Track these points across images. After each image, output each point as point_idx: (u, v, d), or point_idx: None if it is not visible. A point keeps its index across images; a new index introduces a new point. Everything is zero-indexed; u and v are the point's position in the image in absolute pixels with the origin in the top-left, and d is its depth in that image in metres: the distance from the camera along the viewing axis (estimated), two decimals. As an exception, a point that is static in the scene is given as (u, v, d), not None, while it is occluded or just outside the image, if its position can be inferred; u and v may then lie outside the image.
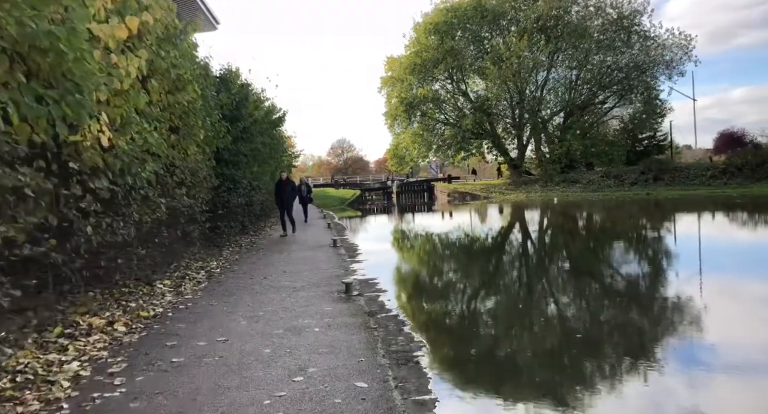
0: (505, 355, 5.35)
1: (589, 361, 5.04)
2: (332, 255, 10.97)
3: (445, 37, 42.20)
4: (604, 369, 4.84)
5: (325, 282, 7.81)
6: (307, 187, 19.96)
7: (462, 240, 16.33)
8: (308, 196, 19.83)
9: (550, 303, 7.52)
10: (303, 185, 19.60)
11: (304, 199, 19.41)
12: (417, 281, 9.75)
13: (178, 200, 7.60)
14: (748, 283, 8.20)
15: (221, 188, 12.11)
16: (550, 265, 11.00)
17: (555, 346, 5.57)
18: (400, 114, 44.08)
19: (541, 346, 5.57)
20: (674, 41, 38.68)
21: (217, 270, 9.11)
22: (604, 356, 5.16)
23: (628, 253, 12.14)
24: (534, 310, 7.04)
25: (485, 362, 5.09)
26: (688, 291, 7.69)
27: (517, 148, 44.36)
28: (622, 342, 5.57)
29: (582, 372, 4.76)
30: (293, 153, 33.27)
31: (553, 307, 7.24)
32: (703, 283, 8.26)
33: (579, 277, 9.39)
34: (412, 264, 11.85)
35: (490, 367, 4.94)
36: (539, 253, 12.91)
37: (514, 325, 6.39)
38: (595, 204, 27.39)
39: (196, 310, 6.22)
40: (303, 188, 19.21)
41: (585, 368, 4.86)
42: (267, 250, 12.03)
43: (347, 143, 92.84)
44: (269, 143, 14.61)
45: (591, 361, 5.02)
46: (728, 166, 30.59)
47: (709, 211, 21.36)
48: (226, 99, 11.51)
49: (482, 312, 7.21)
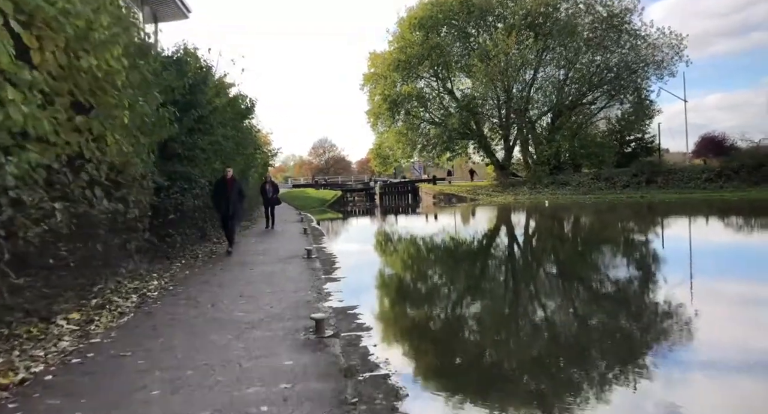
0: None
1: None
2: (305, 270, 9.09)
3: (430, 33, 40.59)
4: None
5: (290, 313, 5.94)
6: (273, 186, 16.98)
7: (457, 251, 14.56)
8: (275, 197, 16.92)
9: (602, 354, 5.78)
10: (268, 184, 16.85)
11: (270, 201, 16.76)
12: (412, 312, 7.40)
13: (93, 205, 5.65)
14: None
15: (173, 189, 10.14)
16: (571, 288, 9.28)
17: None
18: (384, 112, 42.27)
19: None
20: (665, 41, 37.60)
21: (155, 293, 7.14)
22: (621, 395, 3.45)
23: (637, 266, 10.50)
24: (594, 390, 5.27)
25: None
26: (712, 309, 6.03)
27: (504, 149, 42.90)
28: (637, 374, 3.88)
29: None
30: (270, 151, 31.28)
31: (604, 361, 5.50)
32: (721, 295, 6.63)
33: (595, 298, 7.69)
34: (402, 284, 9.86)
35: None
36: (556, 271, 11.19)
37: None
38: (589, 208, 25.93)
39: (95, 366, 4.30)
40: (268, 188, 16.65)
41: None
42: (227, 263, 10.08)
43: (329, 143, 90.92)
44: (234, 136, 12.58)
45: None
46: (724, 169, 29.46)
47: (712, 215, 20.00)
48: (178, 81, 9.56)
49: (515, 364, 5.15)
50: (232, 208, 10.82)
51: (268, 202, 16.72)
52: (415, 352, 5.38)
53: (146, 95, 7.14)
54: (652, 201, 27.01)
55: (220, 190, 10.79)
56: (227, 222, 11.10)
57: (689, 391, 4.25)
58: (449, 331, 6.23)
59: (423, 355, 5.30)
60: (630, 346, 5.43)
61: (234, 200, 10.79)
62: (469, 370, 4.86)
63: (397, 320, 6.84)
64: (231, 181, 10.82)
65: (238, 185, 11.03)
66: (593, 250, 13.06)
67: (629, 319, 6.59)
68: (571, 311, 7.15)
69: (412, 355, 5.23)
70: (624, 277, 9.32)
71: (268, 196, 16.57)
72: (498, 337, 6.00)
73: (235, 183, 10.92)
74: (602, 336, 5.89)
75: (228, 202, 10.72)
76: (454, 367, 4.90)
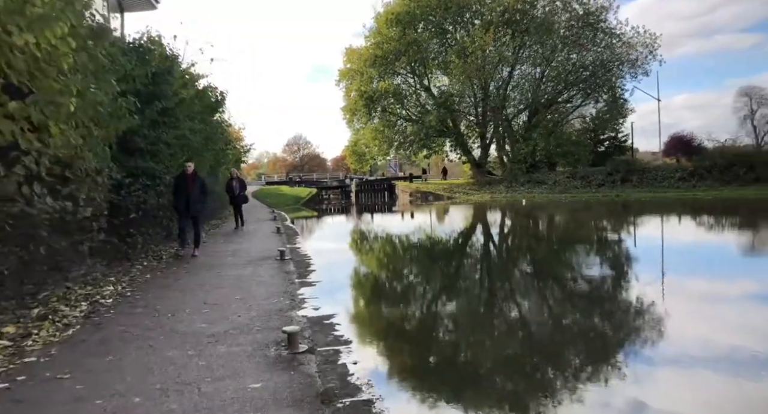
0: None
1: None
2: (277, 273, 8.50)
3: (407, 29, 40.10)
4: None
5: (260, 323, 5.36)
6: (240, 183, 15.64)
7: (436, 251, 14.12)
8: (241, 194, 15.60)
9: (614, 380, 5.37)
10: (234, 181, 15.57)
11: (237, 199, 15.56)
12: (394, 321, 6.62)
13: (32, 203, 4.96)
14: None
15: (135, 185, 9.41)
16: (557, 289, 8.91)
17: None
18: (360, 108, 41.65)
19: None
20: (639, 40, 37.95)
21: (109, 300, 6.46)
22: None
23: (613, 265, 10.24)
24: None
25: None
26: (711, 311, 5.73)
27: (480, 147, 42.77)
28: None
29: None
30: (242, 147, 30.40)
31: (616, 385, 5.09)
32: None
33: (574, 298, 7.33)
34: (381, 288, 9.27)
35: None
36: (535, 271, 10.83)
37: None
38: (565, 207, 25.87)
39: (24, 392, 3.65)
40: (234, 185, 15.40)
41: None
42: (193, 266, 9.40)
43: (303, 140, 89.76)
44: (202, 131, 11.84)
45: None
46: (697, 168, 29.82)
47: (687, 214, 20.09)
48: (140, 69, 8.83)
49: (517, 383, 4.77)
50: (192, 207, 9.89)
51: (235, 201, 15.66)
52: (399, 370, 4.82)
53: (100, 82, 6.44)
54: (628, 200, 27.14)
55: (179, 188, 9.81)
56: (185, 222, 10.14)
57: (658, 387, 4.27)
58: (436, 345, 5.73)
59: (409, 374, 4.75)
60: (603, 346, 5.46)
61: (195, 198, 9.83)
62: (462, 392, 4.37)
63: (378, 332, 6.22)
64: (192, 177, 9.81)
65: (200, 182, 10.00)
66: (572, 250, 12.78)
67: (604, 318, 6.56)
68: (563, 314, 6.76)
69: (396, 375, 4.67)
70: (599, 276, 9.02)
71: (235, 194, 15.44)
72: (493, 351, 5.53)
73: (196, 179, 9.89)
74: (582, 336, 5.88)
75: (188, 201, 9.78)
76: (443, 389, 4.39)
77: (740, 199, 24.20)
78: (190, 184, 9.76)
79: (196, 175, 10.03)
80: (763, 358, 4.70)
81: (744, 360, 4.72)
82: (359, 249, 14.53)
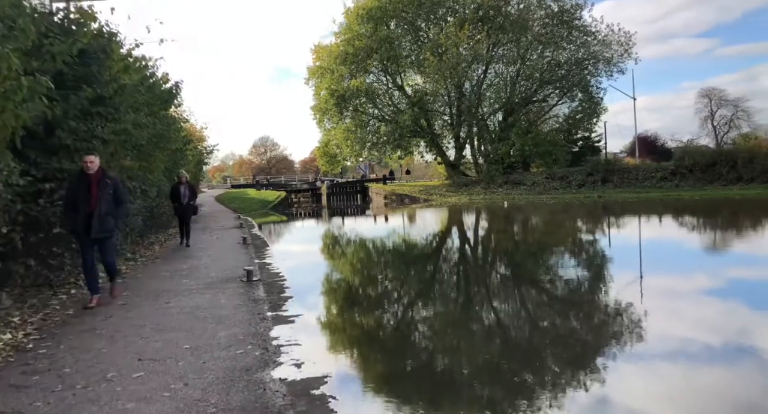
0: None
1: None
2: (243, 302, 6.67)
3: (379, 25, 38.48)
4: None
5: (216, 398, 3.56)
6: (189, 190, 12.67)
7: (441, 268, 12.48)
8: (190, 203, 12.59)
9: None
10: (183, 186, 12.49)
11: (185, 209, 12.50)
12: (414, 385, 4.44)
13: None
14: None
15: (58, 192, 7.40)
16: (560, 304, 7.36)
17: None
18: (331, 108, 39.75)
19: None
20: (614, 38, 37.37)
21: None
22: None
23: (608, 275, 8.84)
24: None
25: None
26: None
27: (455, 147, 41.48)
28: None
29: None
30: (205, 148, 28.16)
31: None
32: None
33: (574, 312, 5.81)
34: (387, 325, 6.75)
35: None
36: (530, 283, 9.28)
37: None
38: (548, 209, 24.66)
39: None
40: (182, 191, 12.36)
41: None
42: (134, 294, 7.44)
43: (271, 141, 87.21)
44: (150, 125, 9.81)
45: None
46: (678, 167, 29.17)
47: (676, 215, 19.12)
48: (61, 45, 6.86)
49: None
50: (98, 223, 6.37)
51: (182, 211, 12.63)
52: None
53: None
54: (611, 201, 26.18)
55: (76, 197, 6.45)
56: (88, 252, 6.55)
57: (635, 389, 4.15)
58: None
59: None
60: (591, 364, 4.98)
61: (104, 210, 6.41)
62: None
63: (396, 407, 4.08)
64: (97, 177, 6.45)
65: (113, 185, 6.61)
66: (568, 259, 11.34)
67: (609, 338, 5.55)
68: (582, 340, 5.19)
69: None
70: (593, 286, 7.54)
71: (182, 203, 12.40)
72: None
73: (106, 182, 6.53)
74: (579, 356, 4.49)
75: (90, 214, 6.35)
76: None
77: (725, 198, 23.50)
78: (93, 190, 6.39)
79: (105, 176, 6.62)
80: None
81: None
82: (343, 265, 12.44)
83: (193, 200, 12.73)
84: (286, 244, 17.76)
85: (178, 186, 12.55)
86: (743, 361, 4.79)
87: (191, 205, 12.69)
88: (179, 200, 12.46)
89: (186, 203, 12.45)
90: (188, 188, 12.54)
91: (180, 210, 12.66)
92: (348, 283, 10.07)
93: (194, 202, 12.94)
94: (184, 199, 12.39)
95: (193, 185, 12.82)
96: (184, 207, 12.49)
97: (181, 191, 12.40)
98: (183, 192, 12.39)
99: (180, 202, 12.48)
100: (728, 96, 54.42)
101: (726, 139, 53.73)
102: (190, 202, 12.59)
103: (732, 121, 55.72)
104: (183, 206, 12.47)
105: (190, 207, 12.67)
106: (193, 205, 12.83)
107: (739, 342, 5.26)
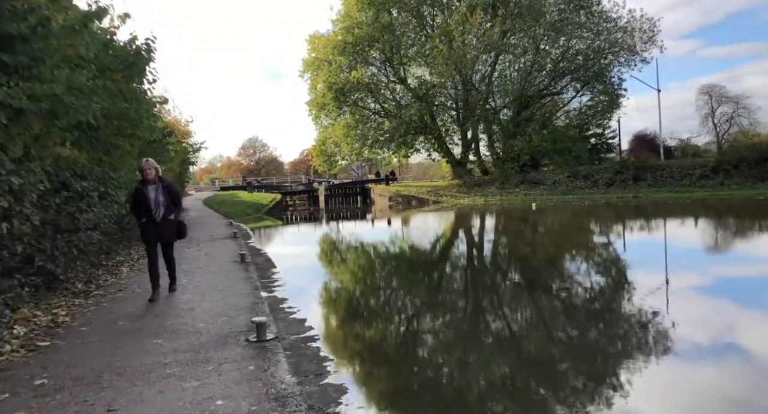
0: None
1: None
2: (256, 402, 3.40)
3: (380, 12, 35.30)
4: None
5: None
6: (167, 193, 6.79)
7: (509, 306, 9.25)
8: (169, 218, 6.79)
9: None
10: (150, 187, 6.71)
11: (158, 228, 6.70)
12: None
13: None
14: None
15: None
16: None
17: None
18: (329, 102, 36.51)
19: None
20: (636, 25, 34.50)
21: None
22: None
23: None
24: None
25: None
26: None
27: (464, 144, 38.38)
28: None
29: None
30: (191, 145, 24.74)
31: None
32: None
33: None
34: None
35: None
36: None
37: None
38: (586, 211, 21.59)
39: None
40: (151, 195, 6.66)
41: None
42: (56, 382, 4.14)
43: (260, 142, 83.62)
44: (99, 91, 6.37)
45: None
46: (720, 163, 26.28)
47: (741, 219, 16.14)
48: None
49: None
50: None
51: (153, 233, 6.76)
52: None
53: None
54: (651, 202, 23.20)
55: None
56: None
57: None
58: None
59: None
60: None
61: None
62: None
63: None
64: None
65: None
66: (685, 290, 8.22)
67: None
68: None
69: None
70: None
71: (153, 217, 6.67)
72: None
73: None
74: None
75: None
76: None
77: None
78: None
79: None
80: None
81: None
82: (401, 302, 8.14)
83: (175, 212, 6.89)
84: (297, 262, 12.68)
85: (143, 188, 6.66)
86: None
87: (171, 221, 6.80)
88: (148, 212, 6.61)
89: (161, 217, 6.64)
90: (164, 190, 6.69)
91: (150, 231, 6.68)
92: (429, 338, 6.62)
93: (177, 214, 6.98)
94: (158, 209, 6.59)
95: (172, 186, 7.15)
96: (157, 224, 6.63)
97: (150, 196, 6.57)
98: (154, 197, 6.58)
99: (150, 217, 6.61)
100: (729, 93, 52.27)
101: (727, 136, 51.90)
102: (169, 215, 6.73)
103: (732, 118, 53.63)
104: (155, 223, 6.62)
105: (170, 225, 6.79)
106: (174, 221, 6.89)
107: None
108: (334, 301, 8.41)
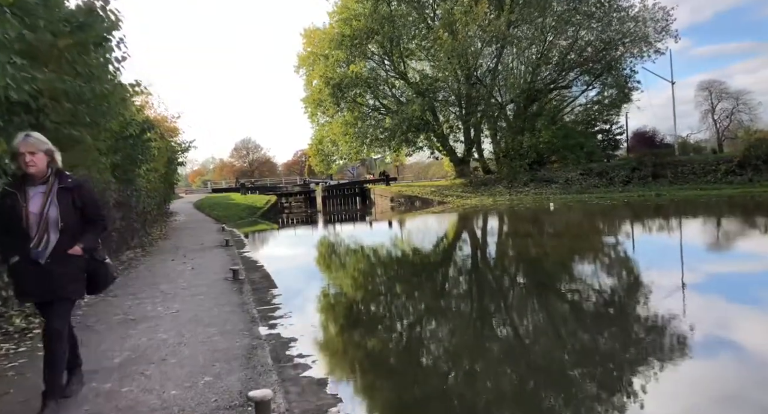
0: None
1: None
2: None
3: (379, 2, 33.44)
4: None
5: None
6: (71, 198, 3.22)
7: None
8: (66, 256, 3.20)
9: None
10: (29, 191, 3.14)
11: (46, 275, 3.14)
12: None
13: None
14: None
15: None
16: None
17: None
18: (326, 98, 34.61)
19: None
20: (648, 15, 32.83)
21: None
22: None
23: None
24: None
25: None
26: None
27: (466, 141, 36.58)
28: None
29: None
30: (179, 144, 22.74)
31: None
32: None
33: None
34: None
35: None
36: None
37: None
38: (611, 211, 19.83)
39: None
40: (23, 211, 3.10)
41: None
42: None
43: (253, 143, 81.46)
44: (22, 35, 4.36)
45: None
46: (747, 157, 24.62)
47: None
48: None
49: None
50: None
51: (38, 282, 3.16)
52: None
53: None
54: (676, 200, 21.50)
55: None
56: None
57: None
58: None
59: None
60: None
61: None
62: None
63: None
64: None
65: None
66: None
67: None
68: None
69: None
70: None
71: (33, 252, 3.12)
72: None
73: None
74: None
75: None
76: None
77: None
78: None
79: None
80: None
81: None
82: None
83: (87, 238, 3.33)
84: (303, 280, 9.88)
85: (13, 192, 3.16)
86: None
87: (71, 259, 3.26)
88: (23, 239, 3.13)
89: (51, 250, 3.18)
90: (62, 195, 3.22)
91: (28, 277, 3.21)
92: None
93: (91, 243, 3.37)
94: (43, 234, 3.16)
95: (83, 186, 3.34)
96: (41, 267, 3.16)
97: (28, 207, 3.14)
98: (37, 209, 3.16)
99: (25, 252, 3.15)
100: (729, 88, 51.07)
101: (727, 133, 50.71)
102: (67, 245, 3.23)
103: (733, 114, 52.40)
104: (36, 264, 3.16)
105: (69, 265, 3.26)
106: (81, 257, 3.31)
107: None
108: (363, 347, 5.77)
